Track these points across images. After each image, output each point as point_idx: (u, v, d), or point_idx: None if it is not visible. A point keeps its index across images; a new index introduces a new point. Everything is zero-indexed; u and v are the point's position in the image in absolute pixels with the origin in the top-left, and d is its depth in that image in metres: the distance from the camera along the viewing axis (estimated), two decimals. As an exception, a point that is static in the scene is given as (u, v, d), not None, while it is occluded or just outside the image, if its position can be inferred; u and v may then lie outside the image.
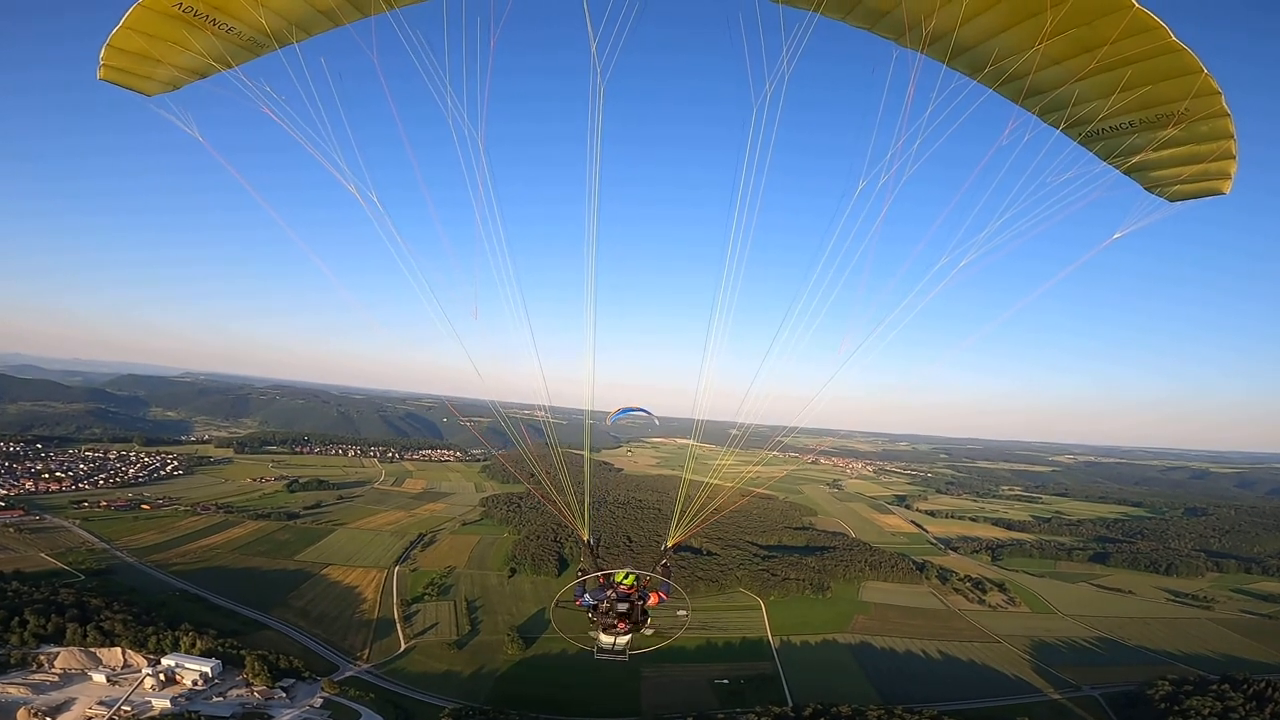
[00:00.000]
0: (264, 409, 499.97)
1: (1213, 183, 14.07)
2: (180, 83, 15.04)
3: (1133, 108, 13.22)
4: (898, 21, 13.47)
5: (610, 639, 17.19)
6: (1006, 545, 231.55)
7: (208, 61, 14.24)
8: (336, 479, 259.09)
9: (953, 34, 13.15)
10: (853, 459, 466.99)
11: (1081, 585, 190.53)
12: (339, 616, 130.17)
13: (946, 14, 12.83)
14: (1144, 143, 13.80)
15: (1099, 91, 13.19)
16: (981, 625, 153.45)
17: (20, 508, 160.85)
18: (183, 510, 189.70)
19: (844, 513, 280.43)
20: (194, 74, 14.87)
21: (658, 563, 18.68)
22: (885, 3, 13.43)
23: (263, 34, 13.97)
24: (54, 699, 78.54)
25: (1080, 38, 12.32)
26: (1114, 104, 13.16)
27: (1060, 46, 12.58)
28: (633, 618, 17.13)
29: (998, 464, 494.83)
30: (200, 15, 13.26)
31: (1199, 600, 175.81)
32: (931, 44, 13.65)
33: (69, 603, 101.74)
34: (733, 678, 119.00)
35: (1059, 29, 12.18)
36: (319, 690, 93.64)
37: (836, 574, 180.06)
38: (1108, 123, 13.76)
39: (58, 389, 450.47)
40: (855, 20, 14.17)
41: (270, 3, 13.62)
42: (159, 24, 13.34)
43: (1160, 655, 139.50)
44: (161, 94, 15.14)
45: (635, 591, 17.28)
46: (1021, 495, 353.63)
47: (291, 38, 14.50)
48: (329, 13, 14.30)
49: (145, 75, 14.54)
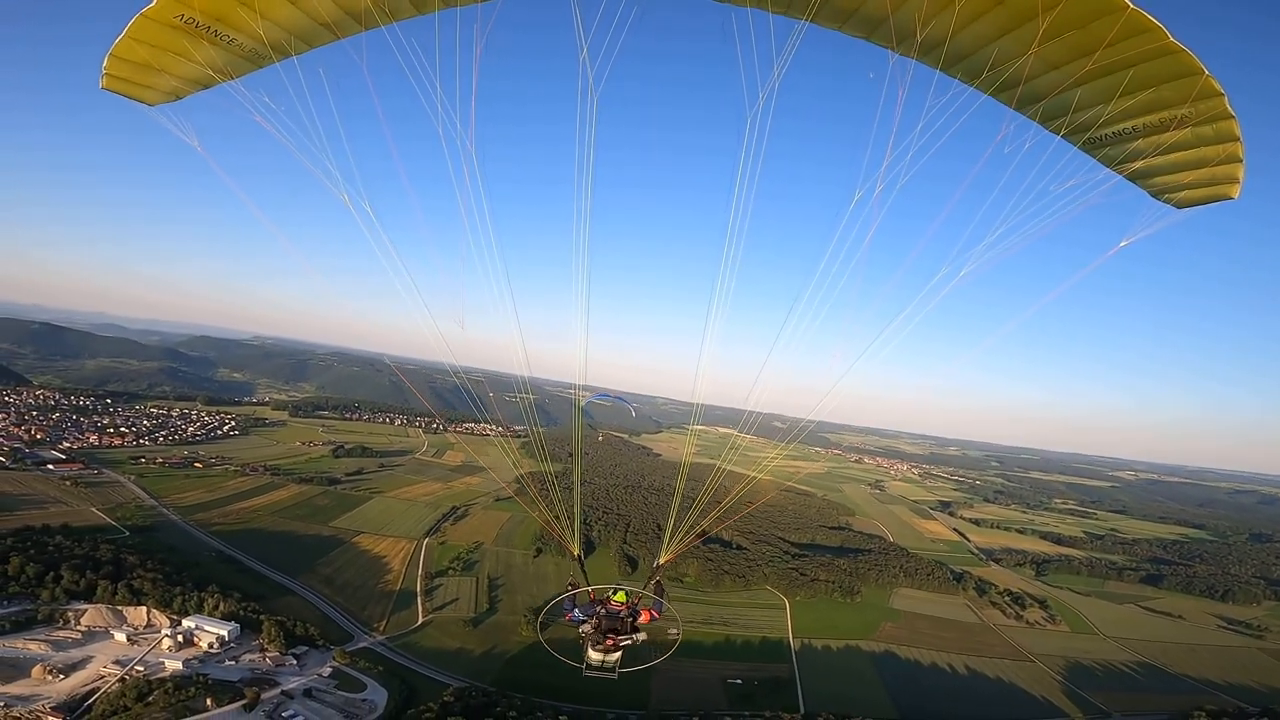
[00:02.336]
0: (322, 374, 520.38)
1: (1220, 187, 13.71)
2: (182, 93, 15.31)
3: (1134, 112, 12.99)
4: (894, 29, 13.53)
5: (599, 656, 16.96)
6: (1053, 560, 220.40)
7: (208, 72, 14.46)
8: (381, 447, 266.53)
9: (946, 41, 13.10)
10: (898, 460, 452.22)
11: (1129, 606, 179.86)
12: (362, 586, 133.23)
13: (940, 21, 12.76)
14: (1147, 148, 13.45)
15: (1099, 97, 12.99)
16: (1015, 642, 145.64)
17: (81, 461, 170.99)
18: (232, 470, 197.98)
19: (883, 515, 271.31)
20: (195, 84, 15.13)
21: (650, 580, 18.63)
22: (880, 10, 13.32)
23: (263, 46, 14.18)
24: (71, 656, 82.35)
25: (1076, 41, 12.11)
26: (1114, 109, 12.93)
27: (1056, 51, 12.42)
28: (623, 634, 16.95)
29: (1052, 476, 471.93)
30: (201, 27, 13.45)
31: (1252, 629, 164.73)
32: (927, 51, 13.60)
33: (105, 559, 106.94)
34: (746, 678, 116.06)
35: (1054, 33, 12.00)
36: (330, 659, 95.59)
37: (868, 578, 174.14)
38: (1110, 128, 13.53)
39: (135, 347, 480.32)
40: (853, 29, 14.18)
41: (271, 15, 13.79)
42: (161, 35, 13.58)
43: (1203, 684, 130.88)
44: (162, 104, 15.37)
45: (626, 609, 17.21)
46: (1075, 510, 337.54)
47: (291, 50, 14.72)
48: (329, 26, 14.53)
49: (147, 85, 14.81)
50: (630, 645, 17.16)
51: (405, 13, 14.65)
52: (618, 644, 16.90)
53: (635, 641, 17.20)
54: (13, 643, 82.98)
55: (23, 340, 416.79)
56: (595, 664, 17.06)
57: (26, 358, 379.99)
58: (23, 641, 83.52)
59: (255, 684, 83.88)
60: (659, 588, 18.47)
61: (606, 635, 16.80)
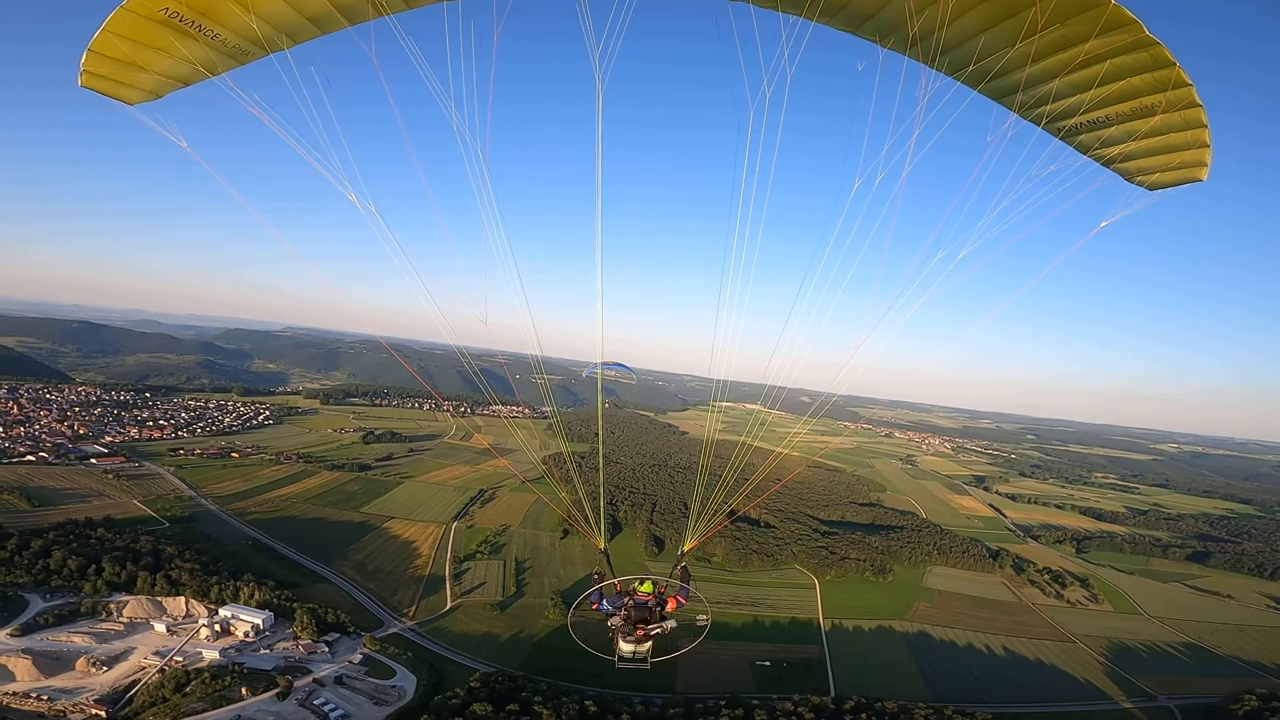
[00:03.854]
0: (353, 362, 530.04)
1: (1189, 170, 14.37)
2: (165, 90, 14.73)
3: (1109, 101, 13.57)
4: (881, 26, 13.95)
5: (630, 647, 17.22)
6: (1094, 537, 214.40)
7: (194, 68, 13.94)
8: (410, 431, 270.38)
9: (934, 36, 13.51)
10: (929, 434, 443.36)
11: (1174, 585, 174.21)
12: (393, 571, 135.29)
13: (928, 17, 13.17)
14: (1122, 136, 14.13)
15: (1076, 88, 13.57)
16: (1056, 622, 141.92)
17: (123, 454, 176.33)
18: (267, 459, 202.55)
19: (916, 491, 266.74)
20: (179, 81, 14.54)
21: (675, 566, 18.98)
22: (869, 6, 13.70)
23: (251, 41, 13.71)
24: (114, 648, 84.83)
25: (1058, 36, 12.63)
26: (1090, 98, 13.56)
27: (1039, 45, 12.91)
28: (651, 624, 17.16)
29: (1091, 449, 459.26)
30: (186, 21, 12.90)
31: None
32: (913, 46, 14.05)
33: (145, 550, 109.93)
34: (775, 660, 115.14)
35: (1037, 27, 12.48)
36: (360, 646, 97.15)
37: (901, 556, 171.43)
38: (1086, 117, 14.15)
39: (173, 342, 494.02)
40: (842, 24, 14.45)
41: (258, 9, 13.28)
42: (143, 29, 12.95)
43: (1253, 667, 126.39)
44: (143, 103, 14.78)
45: (653, 598, 17.34)
46: (1116, 484, 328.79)
47: (281, 44, 14.25)
48: (317, 20, 14.19)
49: (128, 83, 14.13)
50: (660, 634, 17.30)
51: (395, 7, 14.22)
52: (648, 634, 17.07)
53: (665, 629, 17.33)
54: (57, 636, 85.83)
55: (64, 339, 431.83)
56: (627, 655, 17.26)
57: (69, 356, 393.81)
58: (67, 634, 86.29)
59: (288, 672, 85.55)
60: (685, 573, 18.51)
61: (636, 626, 16.94)
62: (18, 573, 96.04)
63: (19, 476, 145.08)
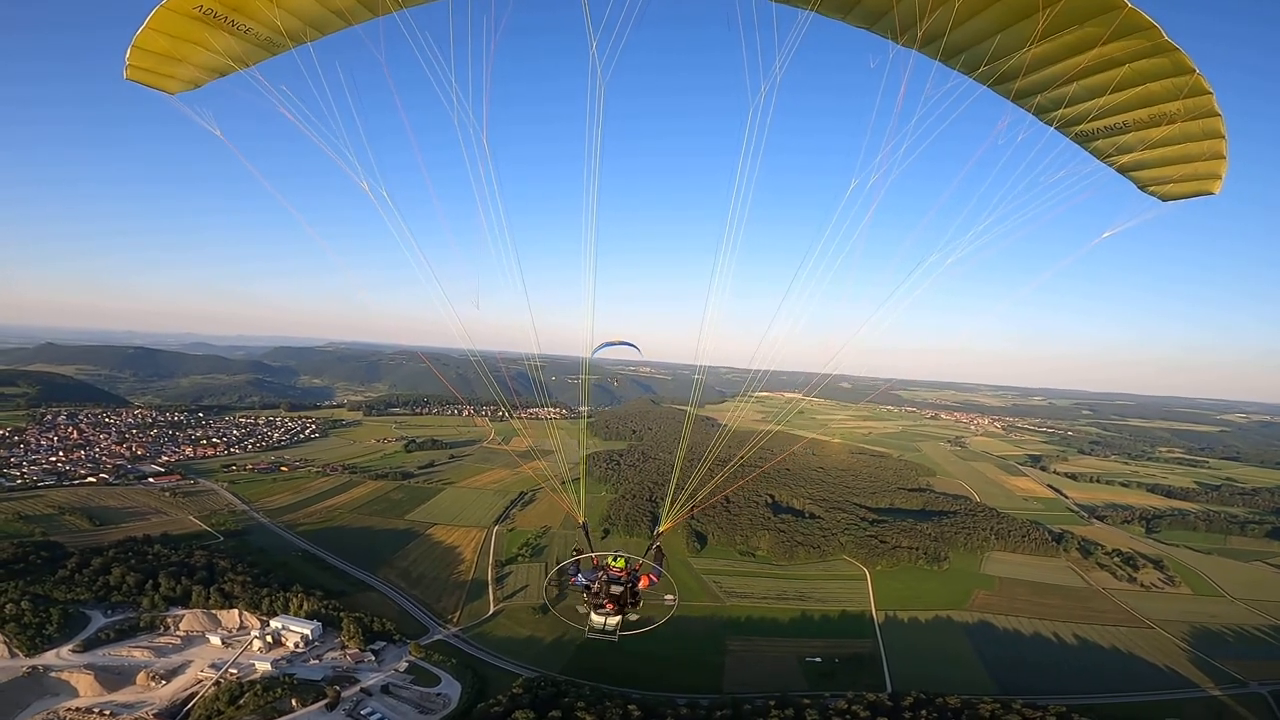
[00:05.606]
0: (393, 373, 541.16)
1: (1203, 183, 14.15)
2: (201, 81, 15.71)
3: (1126, 107, 13.38)
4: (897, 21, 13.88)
5: (600, 619, 17.77)
6: (1165, 515, 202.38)
7: (226, 61, 14.88)
8: (450, 438, 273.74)
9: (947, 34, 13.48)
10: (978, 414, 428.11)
11: (1256, 565, 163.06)
12: (437, 577, 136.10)
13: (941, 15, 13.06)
14: (1137, 143, 13.93)
15: (1094, 92, 13.40)
16: (1130, 607, 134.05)
17: (178, 473, 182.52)
18: (314, 472, 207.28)
19: (967, 473, 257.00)
20: (213, 73, 15.52)
21: (650, 547, 19.19)
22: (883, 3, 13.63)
23: (278, 34, 14.61)
24: (172, 662, 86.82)
25: (1074, 38, 12.47)
26: (1107, 104, 13.40)
27: (1055, 47, 12.79)
28: (623, 600, 17.76)
29: (1153, 422, 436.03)
30: (219, 16, 13.89)
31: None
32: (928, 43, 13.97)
33: (199, 565, 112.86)
34: (826, 656, 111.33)
35: (1053, 29, 12.37)
36: (406, 654, 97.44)
37: (956, 543, 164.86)
38: (1102, 122, 13.98)
39: (224, 363, 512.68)
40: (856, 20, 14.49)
41: (285, 3, 14.24)
42: (180, 25, 13.98)
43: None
44: (182, 92, 15.80)
45: (626, 574, 17.97)
46: (1183, 459, 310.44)
47: (305, 37, 15.17)
48: (341, 13, 14.98)
49: (168, 74, 15.19)
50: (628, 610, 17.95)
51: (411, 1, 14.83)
52: (618, 609, 17.68)
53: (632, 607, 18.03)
54: (117, 651, 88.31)
55: (121, 365, 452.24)
56: (597, 627, 17.82)
57: (126, 381, 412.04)
58: (127, 649, 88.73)
59: (337, 682, 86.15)
60: (659, 554, 18.93)
61: (606, 600, 17.56)
62: (79, 589, 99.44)
63: (80, 498, 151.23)
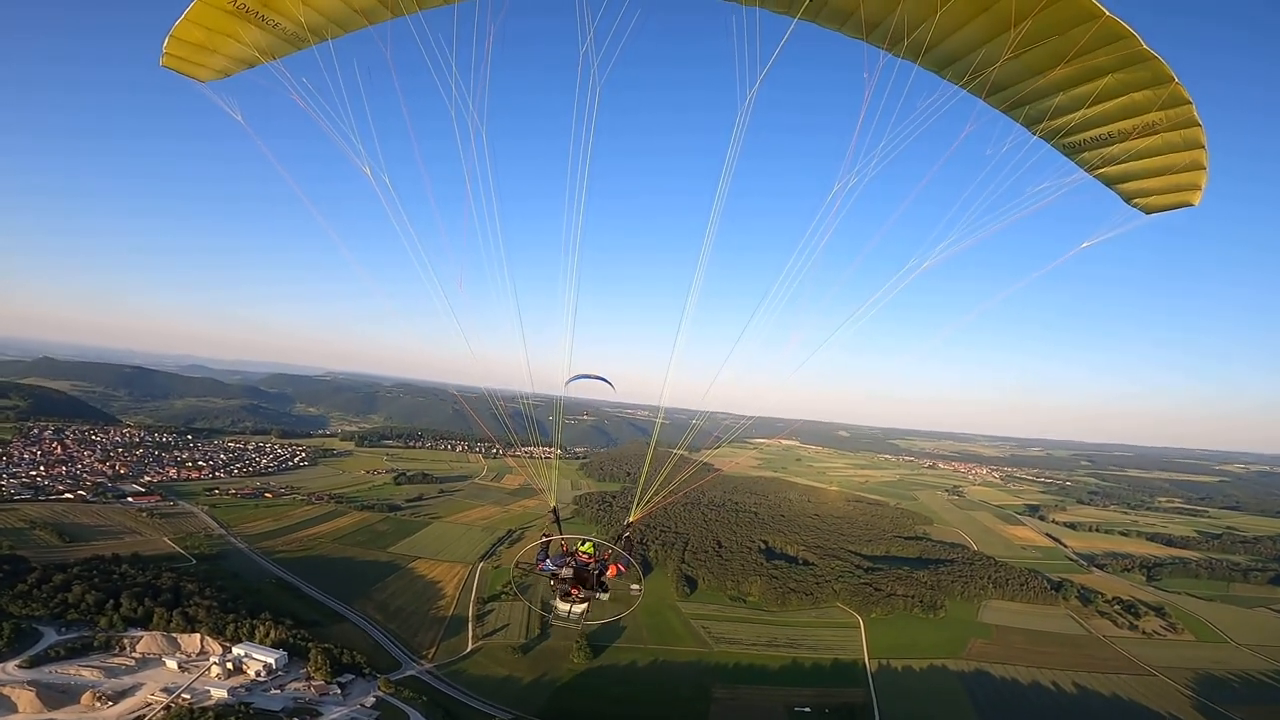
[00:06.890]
0: (389, 405, 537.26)
1: (1184, 194, 14.18)
2: (230, 71, 16.52)
3: (1109, 118, 13.45)
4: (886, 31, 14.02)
5: (566, 606, 17.51)
6: (1166, 564, 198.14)
7: (254, 53, 15.68)
8: (441, 472, 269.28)
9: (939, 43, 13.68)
10: (975, 464, 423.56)
11: (1261, 611, 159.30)
12: (415, 612, 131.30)
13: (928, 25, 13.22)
14: (1122, 153, 13.97)
15: (1079, 102, 13.45)
16: (1132, 655, 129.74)
17: (158, 494, 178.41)
18: (299, 500, 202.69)
19: (965, 522, 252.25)
20: (242, 64, 16.33)
21: (619, 536, 19.12)
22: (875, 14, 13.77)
23: (304, 29, 15.36)
24: (123, 683, 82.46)
25: (1055, 47, 12.58)
26: (1090, 114, 13.45)
27: (1039, 56, 12.90)
28: (589, 587, 17.51)
29: (1152, 473, 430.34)
30: (251, 11, 14.71)
31: None
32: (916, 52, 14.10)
33: (165, 586, 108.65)
34: (816, 706, 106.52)
35: (1033, 38, 12.49)
36: (374, 689, 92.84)
37: (953, 591, 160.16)
38: (1087, 133, 14.04)
39: (220, 386, 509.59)
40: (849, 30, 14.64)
41: (313, 1, 15.03)
42: (215, 18, 14.82)
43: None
44: (212, 80, 16.57)
45: (594, 561, 17.83)
46: (1183, 508, 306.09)
47: (328, 34, 15.96)
48: (365, 12, 15.76)
49: (201, 64, 16.02)
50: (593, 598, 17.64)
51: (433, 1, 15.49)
52: (584, 595, 17.40)
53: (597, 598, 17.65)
54: (65, 669, 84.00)
55: (116, 384, 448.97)
56: (563, 614, 17.48)
57: (120, 399, 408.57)
58: (76, 668, 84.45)
59: (297, 714, 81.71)
60: (627, 544, 18.75)
61: (573, 586, 17.27)
62: (34, 605, 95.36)
63: (54, 513, 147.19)
